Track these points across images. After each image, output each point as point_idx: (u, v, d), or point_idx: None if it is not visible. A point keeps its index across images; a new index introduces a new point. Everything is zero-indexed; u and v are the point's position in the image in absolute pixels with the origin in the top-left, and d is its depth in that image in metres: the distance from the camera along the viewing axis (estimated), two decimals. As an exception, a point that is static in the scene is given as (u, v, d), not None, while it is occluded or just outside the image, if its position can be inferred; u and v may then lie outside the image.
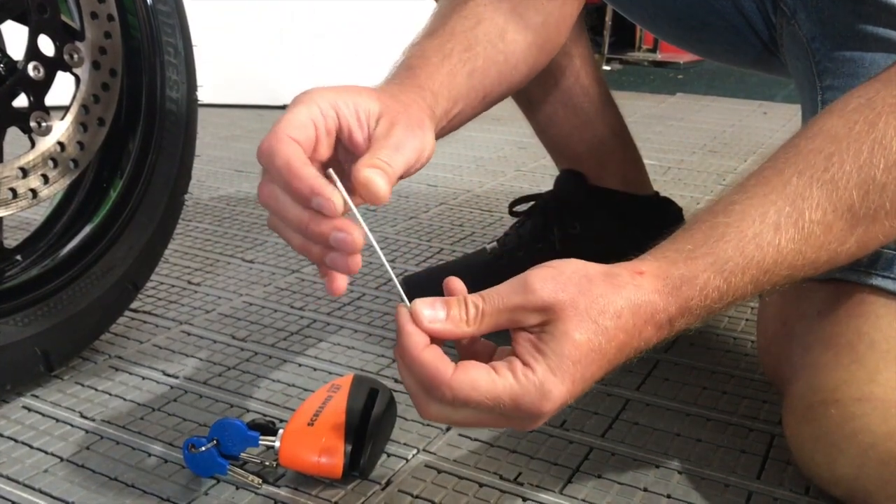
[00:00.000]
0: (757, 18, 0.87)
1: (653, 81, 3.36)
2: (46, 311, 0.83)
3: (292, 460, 0.68)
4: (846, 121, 0.58)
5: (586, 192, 1.05)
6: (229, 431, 0.69)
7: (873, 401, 0.62)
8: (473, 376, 0.53)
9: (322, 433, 0.68)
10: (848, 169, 0.56)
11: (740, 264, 0.56)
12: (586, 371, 0.53)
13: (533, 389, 0.52)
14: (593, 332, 0.53)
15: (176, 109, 0.94)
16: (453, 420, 0.55)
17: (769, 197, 0.57)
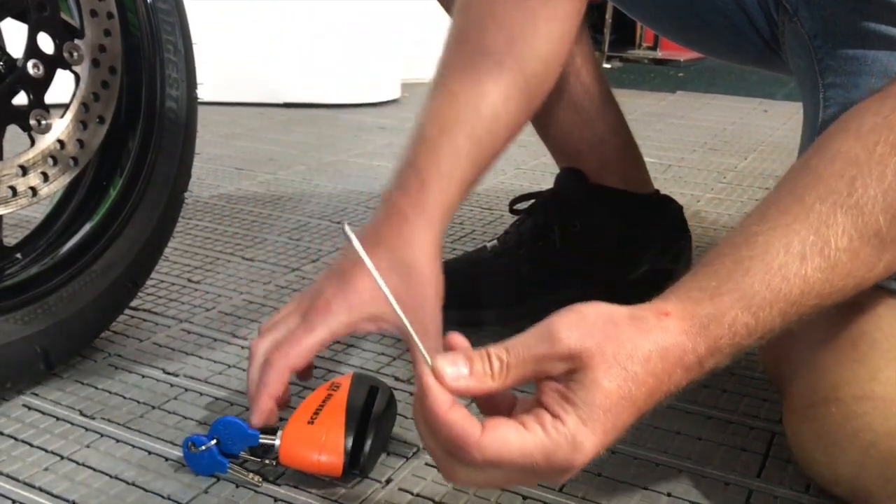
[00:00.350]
0: (758, 16, 0.86)
1: (653, 79, 3.36)
2: (46, 309, 0.83)
3: (292, 459, 0.68)
4: (865, 143, 0.56)
5: (586, 190, 1.05)
6: (230, 430, 0.69)
7: (874, 399, 0.62)
8: (503, 435, 0.51)
9: (322, 431, 0.68)
10: (872, 193, 0.54)
11: (767, 298, 0.54)
12: (617, 420, 0.51)
13: (564, 443, 0.50)
14: (623, 378, 0.51)
15: (176, 107, 0.94)
16: (481, 482, 0.54)
17: (792, 227, 0.55)
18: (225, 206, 1.51)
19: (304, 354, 0.70)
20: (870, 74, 0.72)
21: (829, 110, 0.74)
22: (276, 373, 0.69)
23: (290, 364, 0.69)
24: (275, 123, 2.31)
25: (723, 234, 1.39)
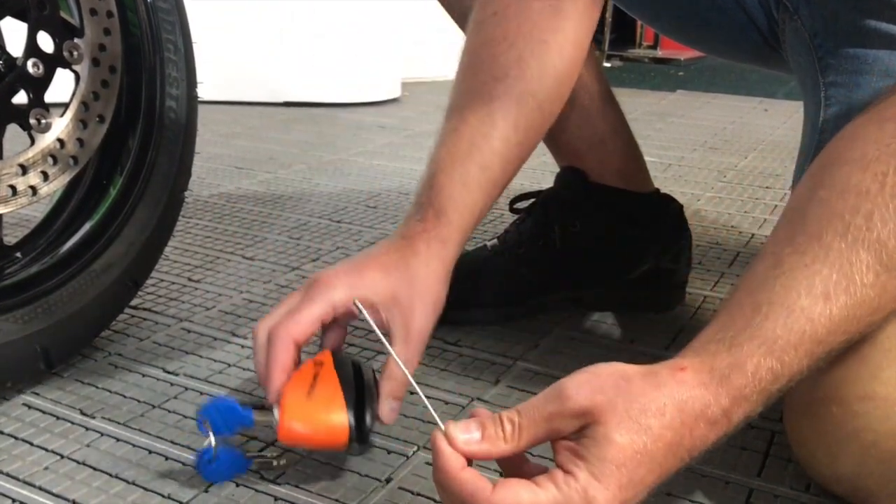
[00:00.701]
0: (759, 14, 0.86)
1: (653, 78, 3.36)
2: (46, 309, 0.83)
3: (294, 434, 0.66)
4: (874, 174, 0.56)
5: (587, 189, 1.05)
6: (222, 411, 0.67)
7: (875, 399, 0.62)
8: (515, 491, 0.51)
9: (322, 403, 0.66)
10: (893, 227, 0.54)
11: (791, 341, 0.53)
12: (633, 475, 0.50)
13: (576, 497, 0.49)
14: (636, 431, 0.51)
15: (176, 106, 0.94)
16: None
17: (812, 267, 0.55)
18: (225, 205, 1.51)
19: (305, 326, 0.68)
20: (871, 73, 0.72)
21: (830, 109, 0.74)
22: (282, 345, 0.68)
23: (293, 335, 0.68)
24: (275, 122, 2.31)
25: (723, 233, 1.40)
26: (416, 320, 0.70)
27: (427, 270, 0.72)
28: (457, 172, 0.75)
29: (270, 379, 0.67)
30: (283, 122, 2.32)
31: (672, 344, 0.96)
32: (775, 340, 0.53)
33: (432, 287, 0.72)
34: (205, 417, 0.67)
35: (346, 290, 0.69)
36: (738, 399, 0.53)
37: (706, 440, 0.53)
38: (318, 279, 0.70)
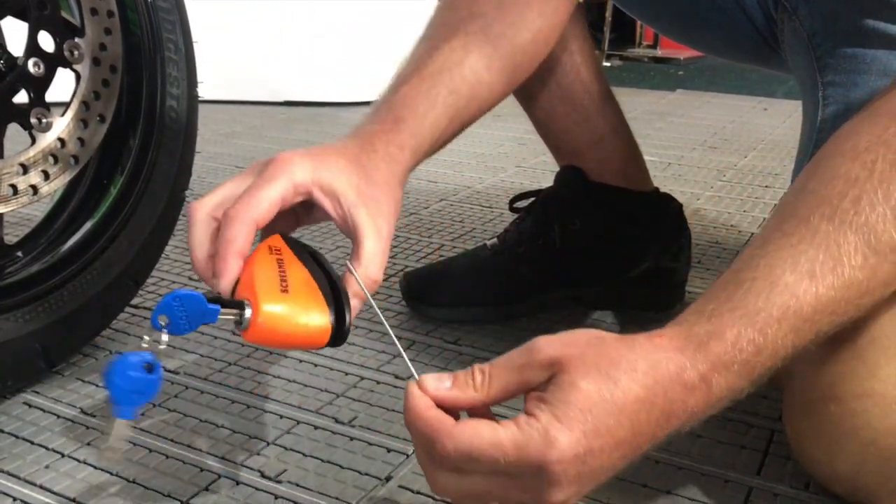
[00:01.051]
0: (758, 14, 0.87)
1: (653, 78, 3.36)
2: (47, 308, 0.83)
3: (269, 334, 0.57)
4: (863, 162, 0.56)
5: (586, 188, 1.05)
6: (186, 304, 0.56)
7: (874, 397, 0.62)
8: (476, 427, 0.50)
9: (300, 301, 0.58)
10: (881, 211, 0.54)
11: (774, 315, 0.53)
12: (600, 423, 0.49)
13: (536, 435, 0.49)
14: (603, 381, 0.50)
15: (176, 106, 0.94)
16: (462, 489, 0.52)
17: (798, 247, 0.54)
18: (225, 205, 1.50)
19: (267, 207, 0.60)
20: (869, 73, 0.72)
21: (828, 109, 0.74)
22: (242, 227, 0.59)
23: (255, 216, 0.59)
24: (275, 122, 2.31)
25: (723, 232, 1.40)
26: (382, 214, 0.64)
27: (387, 169, 0.67)
28: (423, 86, 0.71)
29: (226, 265, 0.59)
30: (284, 121, 2.32)
31: (671, 343, 0.96)
32: (757, 312, 0.53)
33: (393, 186, 0.67)
34: (163, 312, 0.56)
35: (307, 171, 0.62)
36: (717, 366, 0.52)
37: (685, 405, 0.52)
38: (275, 158, 0.63)
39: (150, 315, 0.56)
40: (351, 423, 0.80)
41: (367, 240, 0.62)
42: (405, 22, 2.68)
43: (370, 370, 0.90)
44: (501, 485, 0.51)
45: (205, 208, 0.62)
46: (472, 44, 0.74)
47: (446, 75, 0.72)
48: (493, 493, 0.51)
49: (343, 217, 0.63)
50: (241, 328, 0.57)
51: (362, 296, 0.61)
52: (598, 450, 0.49)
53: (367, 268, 0.61)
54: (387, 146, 0.68)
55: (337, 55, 2.51)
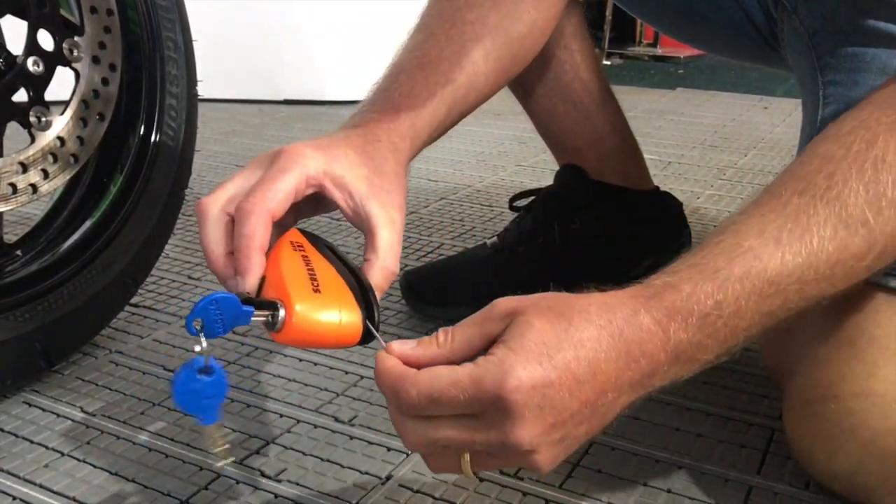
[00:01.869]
0: (758, 13, 0.86)
1: (653, 76, 3.35)
2: (47, 307, 0.83)
3: (302, 335, 0.56)
4: (841, 143, 0.56)
5: (586, 186, 1.05)
6: (223, 308, 0.55)
7: (873, 396, 0.62)
8: (435, 370, 0.51)
9: (332, 299, 0.57)
10: (854, 186, 0.54)
11: (735, 273, 0.53)
12: (555, 355, 0.49)
13: (492, 367, 0.49)
14: (556, 319, 0.50)
15: (176, 104, 0.94)
16: (431, 438, 0.52)
17: (767, 216, 0.55)
18: (225, 203, 1.50)
19: (282, 199, 0.59)
20: (869, 72, 0.72)
21: (828, 108, 0.74)
22: (259, 220, 0.57)
23: (271, 209, 0.58)
24: (275, 120, 2.31)
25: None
26: (394, 204, 0.64)
27: (393, 159, 0.66)
28: (421, 76, 0.71)
29: (249, 262, 0.57)
30: (284, 119, 2.32)
31: (671, 342, 0.96)
32: (717, 270, 0.53)
33: (401, 176, 0.66)
34: (199, 315, 0.54)
35: (319, 163, 0.61)
36: (672, 313, 0.52)
37: (643, 349, 0.51)
38: (284, 150, 0.62)
39: (186, 319, 0.55)
40: (351, 422, 0.80)
41: (382, 230, 0.61)
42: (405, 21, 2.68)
43: (370, 369, 0.90)
44: (467, 428, 0.50)
45: (216, 204, 0.60)
46: (468, 34, 0.74)
47: (444, 65, 0.72)
48: (461, 438, 0.51)
49: (355, 210, 0.62)
50: (274, 329, 0.55)
51: (384, 288, 0.60)
52: (557, 383, 0.49)
53: (384, 259, 0.61)
54: (389, 136, 0.67)
55: (337, 54, 2.50)
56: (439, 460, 0.54)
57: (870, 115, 0.57)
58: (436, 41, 0.74)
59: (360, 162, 0.63)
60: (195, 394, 0.55)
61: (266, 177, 0.60)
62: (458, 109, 0.74)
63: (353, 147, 0.64)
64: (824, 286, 0.55)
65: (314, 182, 0.61)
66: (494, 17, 0.75)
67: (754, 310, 0.53)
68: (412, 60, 0.73)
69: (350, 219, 0.63)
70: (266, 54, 2.48)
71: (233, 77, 2.43)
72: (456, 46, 0.73)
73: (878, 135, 0.56)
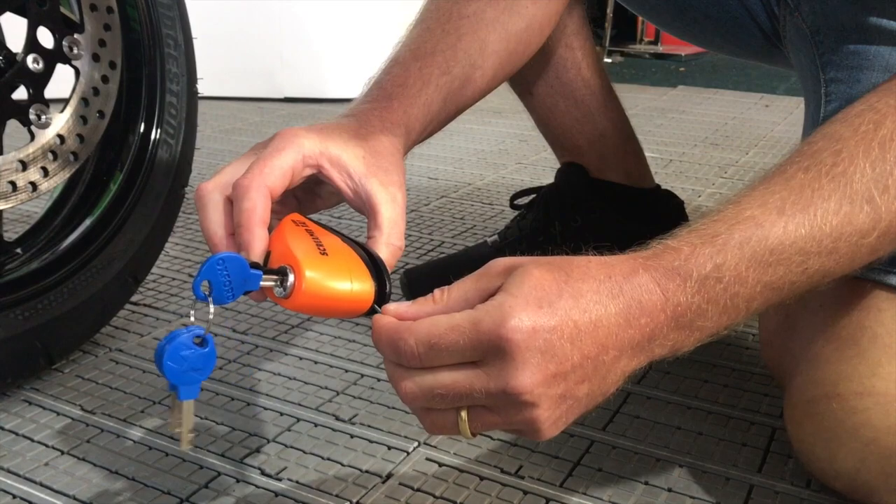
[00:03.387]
0: (760, 10, 0.86)
1: (654, 74, 3.35)
2: (47, 305, 0.83)
3: (313, 297, 0.54)
4: (850, 124, 0.57)
5: (587, 184, 1.05)
6: (231, 268, 0.52)
7: (875, 395, 0.62)
8: (433, 318, 0.50)
9: (342, 264, 0.56)
10: (861, 164, 0.54)
11: (736, 239, 0.52)
12: (554, 300, 0.49)
13: (492, 309, 0.48)
14: (556, 271, 0.50)
15: (176, 102, 0.94)
16: (430, 389, 0.50)
17: (770, 188, 0.55)
18: (225, 201, 1.50)
19: (280, 174, 0.58)
20: (871, 69, 0.72)
21: (830, 105, 0.74)
22: (258, 193, 0.57)
23: (269, 184, 0.57)
24: (275, 118, 2.31)
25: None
26: (394, 183, 0.63)
27: (388, 141, 0.65)
28: (415, 66, 0.71)
29: (252, 235, 0.56)
30: (284, 117, 2.32)
31: (672, 340, 0.96)
32: (717, 235, 0.53)
33: (397, 157, 0.65)
34: (207, 277, 0.52)
35: (315, 144, 0.60)
36: (670, 273, 0.51)
37: (642, 307, 0.50)
38: (279, 133, 0.61)
39: (193, 282, 0.52)
40: (351, 421, 0.80)
41: (384, 207, 0.61)
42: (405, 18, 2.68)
43: (370, 367, 0.90)
44: (467, 376, 0.49)
45: (214, 188, 0.60)
46: (465, 27, 0.74)
47: (439, 56, 0.72)
48: (460, 387, 0.50)
49: (354, 189, 0.61)
50: (283, 295, 0.54)
51: (391, 264, 0.59)
52: (558, 328, 0.48)
53: (388, 235, 0.60)
54: (382, 122, 0.67)
55: (337, 51, 2.50)
56: (436, 418, 0.52)
57: (879, 99, 0.57)
58: (431, 34, 0.74)
59: (355, 143, 0.62)
60: (185, 362, 0.53)
61: (262, 156, 0.59)
62: (455, 101, 0.73)
63: (347, 131, 0.64)
64: (827, 261, 0.55)
65: (311, 162, 0.60)
66: (492, 12, 0.75)
67: (755, 279, 0.53)
68: (406, 53, 0.73)
69: (350, 200, 0.62)
70: (266, 52, 2.48)
71: (233, 75, 2.43)
72: (452, 39, 0.73)
73: (886, 116, 0.56)
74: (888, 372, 0.62)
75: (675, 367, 0.91)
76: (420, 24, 0.76)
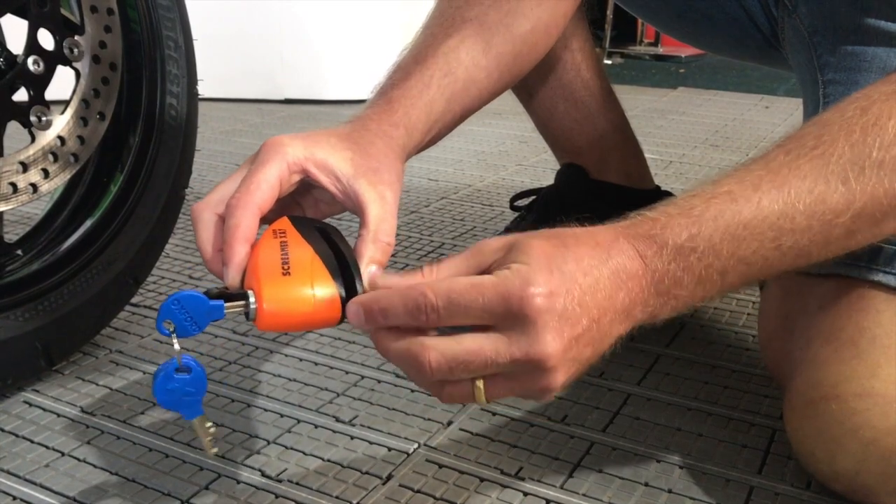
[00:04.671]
0: (758, 12, 0.86)
1: (654, 75, 3.35)
2: (47, 306, 0.83)
3: (277, 318, 0.56)
4: (838, 111, 0.58)
5: (587, 186, 1.05)
6: (189, 306, 0.55)
7: (874, 396, 0.62)
8: (453, 277, 0.52)
9: (303, 277, 0.57)
10: (840, 147, 0.56)
11: (710, 211, 0.55)
12: (562, 264, 0.51)
13: (512, 276, 0.50)
14: (552, 241, 0.53)
15: (176, 103, 0.94)
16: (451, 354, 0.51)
17: (749, 168, 0.57)
18: (226, 203, 1.50)
19: (267, 189, 0.59)
20: (869, 71, 0.72)
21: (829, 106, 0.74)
22: (245, 212, 0.58)
23: (257, 201, 0.59)
24: (276, 119, 2.31)
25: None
26: (383, 182, 0.63)
27: (382, 143, 0.66)
28: (417, 69, 0.71)
29: (231, 251, 0.58)
30: (284, 118, 2.32)
31: (672, 342, 0.96)
32: (692, 207, 0.55)
33: (391, 158, 0.65)
34: (166, 317, 0.55)
35: (299, 150, 0.61)
36: (648, 241, 0.54)
37: (627, 272, 0.53)
38: (264, 144, 0.62)
39: (156, 322, 0.56)
40: (351, 422, 0.80)
41: (371, 205, 0.61)
42: (406, 19, 2.68)
43: (370, 369, 0.90)
44: (491, 342, 0.51)
45: (207, 207, 0.62)
46: (468, 30, 0.74)
47: (441, 59, 0.72)
48: (486, 353, 0.51)
49: (344, 191, 0.62)
50: (249, 318, 0.56)
51: (381, 261, 0.60)
52: (570, 292, 0.51)
53: (376, 232, 0.61)
54: (379, 125, 0.67)
55: (337, 53, 2.50)
56: (452, 389, 0.54)
57: (872, 88, 0.59)
58: (434, 38, 0.74)
59: (343, 146, 0.63)
60: (174, 392, 0.57)
61: (249, 172, 0.61)
62: (460, 102, 0.73)
63: (336, 135, 0.64)
64: (801, 239, 0.56)
65: (296, 168, 0.61)
66: (495, 15, 0.75)
67: (728, 251, 0.55)
68: (409, 58, 0.73)
69: (342, 202, 0.63)
70: (266, 53, 2.48)
71: (233, 76, 2.43)
72: (454, 42, 0.73)
73: (874, 102, 0.57)
74: (887, 373, 0.62)
75: (676, 368, 0.91)
76: (424, 30, 0.76)
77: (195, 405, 0.57)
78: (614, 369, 0.89)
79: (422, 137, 0.70)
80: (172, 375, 0.56)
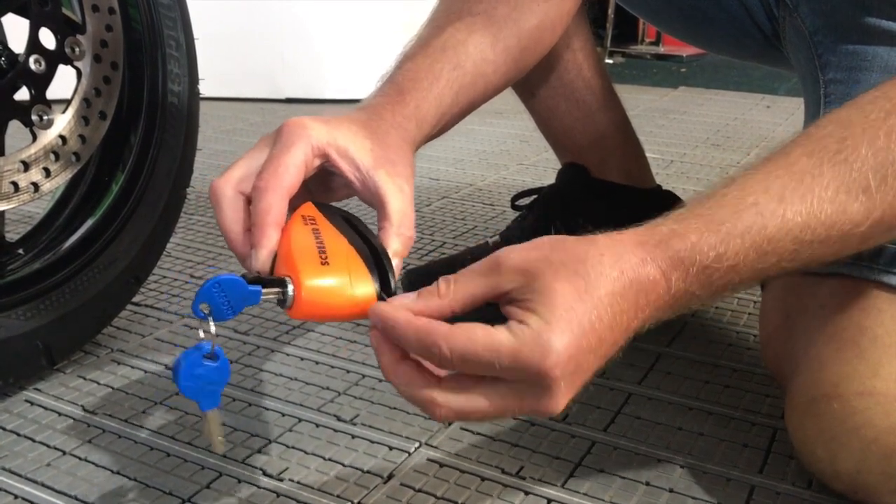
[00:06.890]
0: (759, 12, 0.86)
1: (655, 75, 3.35)
2: (48, 305, 0.83)
3: (314, 306, 0.55)
4: (861, 110, 0.57)
5: (588, 185, 1.05)
6: (228, 290, 0.54)
7: (875, 395, 0.62)
8: (470, 330, 0.50)
9: (342, 270, 0.56)
10: (863, 153, 0.54)
11: (738, 227, 0.53)
12: (584, 321, 0.50)
13: (530, 341, 0.49)
14: (574, 277, 0.50)
15: (178, 102, 0.94)
16: (461, 407, 0.51)
17: (773, 173, 0.55)
18: (227, 202, 1.50)
19: (295, 171, 0.59)
20: (870, 70, 0.72)
21: (830, 106, 0.74)
22: (276, 196, 0.58)
23: (286, 185, 0.58)
24: (277, 119, 2.30)
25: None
26: (401, 175, 0.63)
27: (397, 134, 0.65)
28: (427, 61, 0.71)
29: (263, 235, 0.57)
30: (285, 118, 2.30)
31: (673, 342, 0.96)
32: (721, 223, 0.53)
33: (405, 150, 0.65)
34: (204, 300, 0.54)
35: (323, 133, 0.61)
36: (676, 262, 0.52)
37: (648, 298, 0.52)
38: (286, 124, 0.61)
39: (192, 304, 0.54)
40: (353, 421, 0.80)
41: (392, 198, 0.61)
42: (407, 19, 2.68)
43: (372, 368, 0.90)
44: (502, 399, 0.51)
45: (229, 184, 0.60)
46: (476, 24, 0.74)
47: (450, 52, 0.72)
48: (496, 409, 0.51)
49: (363, 181, 0.61)
50: (285, 306, 0.55)
51: (403, 254, 0.60)
52: (586, 348, 0.50)
53: (399, 226, 0.60)
54: (393, 116, 0.67)
55: (338, 52, 2.50)
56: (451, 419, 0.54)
57: (892, 88, 0.57)
58: (442, 31, 0.74)
59: (363, 135, 0.63)
60: (200, 379, 0.55)
61: (274, 153, 0.60)
62: (468, 96, 0.73)
63: (355, 122, 0.64)
64: (818, 249, 0.56)
65: (319, 152, 0.61)
66: (503, 9, 0.76)
67: (750, 266, 0.54)
68: (418, 49, 0.73)
69: (358, 191, 0.63)
70: (268, 53, 2.48)
71: (234, 75, 2.43)
72: (462, 35, 0.73)
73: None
74: (889, 372, 0.62)
75: (677, 367, 0.91)
76: (431, 23, 0.76)
77: (215, 396, 0.56)
78: (615, 369, 0.89)
79: (430, 130, 0.70)
80: (201, 361, 0.55)
